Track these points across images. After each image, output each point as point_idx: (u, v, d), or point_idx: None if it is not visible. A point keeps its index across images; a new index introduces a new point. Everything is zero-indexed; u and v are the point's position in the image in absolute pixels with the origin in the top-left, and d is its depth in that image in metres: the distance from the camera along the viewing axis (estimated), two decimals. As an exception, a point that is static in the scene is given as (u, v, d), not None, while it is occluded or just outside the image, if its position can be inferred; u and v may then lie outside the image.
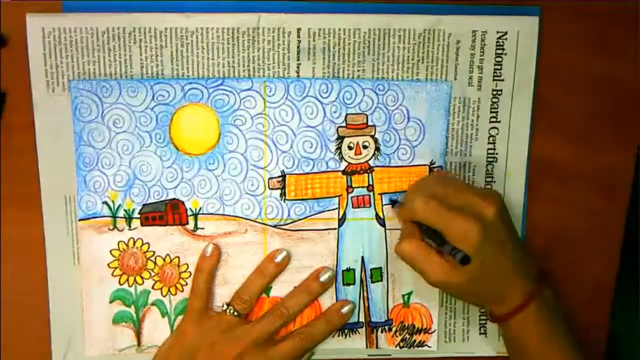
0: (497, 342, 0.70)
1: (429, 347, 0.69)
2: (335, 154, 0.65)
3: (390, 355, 0.69)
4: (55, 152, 0.64)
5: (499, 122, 0.66)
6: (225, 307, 0.64)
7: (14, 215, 0.65)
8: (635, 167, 0.68)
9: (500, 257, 0.59)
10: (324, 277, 0.66)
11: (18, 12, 0.62)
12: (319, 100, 0.64)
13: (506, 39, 0.65)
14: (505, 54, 0.65)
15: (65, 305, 0.66)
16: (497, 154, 0.67)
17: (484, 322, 0.70)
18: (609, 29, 0.66)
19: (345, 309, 0.66)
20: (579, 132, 0.67)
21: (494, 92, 0.66)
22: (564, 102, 0.67)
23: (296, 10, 0.63)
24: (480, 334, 0.70)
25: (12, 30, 0.62)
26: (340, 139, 0.65)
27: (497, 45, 0.65)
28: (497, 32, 0.65)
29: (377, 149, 0.66)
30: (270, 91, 0.64)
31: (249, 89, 0.64)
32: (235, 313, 0.64)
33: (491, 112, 0.66)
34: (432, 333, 0.69)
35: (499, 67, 0.65)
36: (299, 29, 0.64)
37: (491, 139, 0.67)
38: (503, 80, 0.65)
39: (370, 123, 0.65)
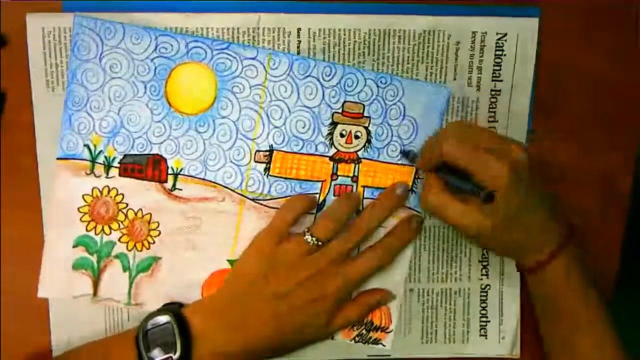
0: (497, 344, 0.70)
1: (384, 345, 0.68)
2: (326, 138, 0.65)
3: (390, 355, 0.69)
4: (55, 152, 0.63)
5: (497, 122, 0.67)
6: (305, 234, 0.62)
7: (14, 215, 0.64)
8: (635, 167, 0.69)
9: (531, 202, 0.59)
10: (399, 190, 0.65)
11: (18, 12, 0.61)
12: (320, 83, 0.64)
13: (506, 40, 0.65)
14: (505, 55, 0.66)
15: (65, 305, 0.65)
16: None
17: (484, 324, 0.69)
18: (608, 30, 0.67)
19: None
20: (578, 132, 0.68)
21: (493, 93, 0.66)
22: (563, 102, 0.67)
23: (296, 11, 0.63)
24: (481, 335, 0.70)
25: (12, 30, 0.62)
26: (334, 124, 0.65)
27: (496, 47, 0.66)
28: (497, 33, 0.65)
29: (369, 141, 0.65)
30: (274, 64, 0.63)
31: (253, 58, 0.63)
32: (316, 240, 0.62)
33: (489, 112, 0.66)
34: (389, 332, 0.68)
35: (498, 68, 0.66)
36: (299, 29, 0.63)
37: None
38: (502, 80, 0.66)
39: (366, 114, 0.65)
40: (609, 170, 0.69)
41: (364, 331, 0.68)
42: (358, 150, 0.65)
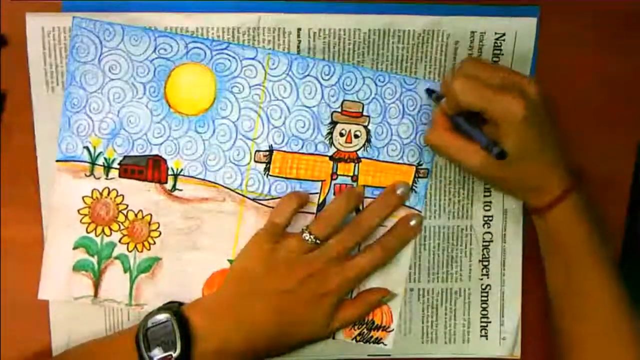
0: (497, 345, 0.70)
1: (385, 344, 0.68)
2: (326, 138, 0.65)
3: (390, 355, 0.69)
4: (54, 153, 0.63)
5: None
6: (303, 232, 0.62)
7: (14, 215, 0.64)
8: (635, 167, 0.69)
9: (542, 140, 0.59)
10: (400, 190, 0.65)
11: (18, 12, 0.61)
12: (319, 82, 0.64)
13: (504, 40, 0.65)
14: (502, 55, 0.66)
15: (65, 305, 0.65)
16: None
17: (485, 324, 0.70)
18: (608, 29, 0.67)
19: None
20: (578, 132, 0.67)
21: None
22: (562, 102, 0.67)
23: (296, 11, 0.63)
24: (481, 336, 0.70)
25: (12, 30, 0.61)
26: (334, 124, 0.65)
27: (494, 46, 0.66)
28: (495, 33, 0.65)
29: (368, 140, 0.65)
30: (273, 64, 0.63)
31: (252, 58, 0.63)
32: (314, 238, 0.62)
33: None
34: (390, 332, 0.69)
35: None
36: (299, 29, 0.63)
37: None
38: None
39: (365, 113, 0.65)
40: (609, 170, 0.69)
41: (365, 330, 0.68)
42: (358, 150, 0.66)
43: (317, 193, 0.66)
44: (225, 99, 0.63)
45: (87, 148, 0.63)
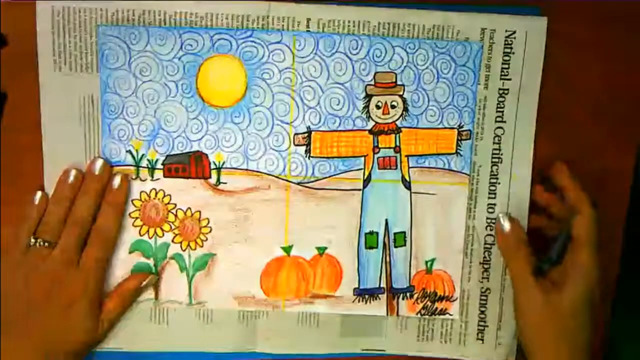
0: (492, 350, 0.68)
1: (450, 314, 0.67)
2: (362, 112, 0.64)
3: (384, 350, 0.68)
4: (61, 132, 0.63)
5: (505, 122, 0.65)
6: (33, 240, 0.60)
7: (13, 215, 0.64)
8: (635, 167, 0.67)
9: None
10: (98, 170, 0.63)
11: (18, 12, 0.62)
12: (348, 57, 0.63)
13: (515, 37, 0.64)
14: (514, 53, 0.64)
15: None
16: (502, 154, 0.66)
17: (482, 328, 0.68)
18: (613, 31, 0.65)
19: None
20: (579, 132, 0.66)
21: (501, 92, 0.65)
22: (565, 102, 0.66)
23: (306, 0, 0.63)
24: (477, 339, 0.68)
25: (12, 30, 0.62)
26: (368, 97, 0.64)
27: (505, 44, 0.64)
28: (506, 30, 0.64)
29: (406, 109, 0.64)
30: (299, 45, 0.63)
31: (278, 42, 0.63)
32: (42, 242, 0.60)
33: (497, 112, 0.65)
34: (454, 301, 0.67)
35: (506, 66, 0.65)
36: (308, 19, 0.63)
37: (496, 139, 0.66)
38: (510, 79, 0.65)
39: (399, 82, 0.64)
40: (609, 170, 0.67)
41: (428, 303, 0.67)
42: (396, 120, 0.65)
43: (361, 169, 0.65)
44: (257, 86, 0.63)
45: (129, 152, 0.64)
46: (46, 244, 0.60)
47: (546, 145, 0.66)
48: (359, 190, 0.65)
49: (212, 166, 0.64)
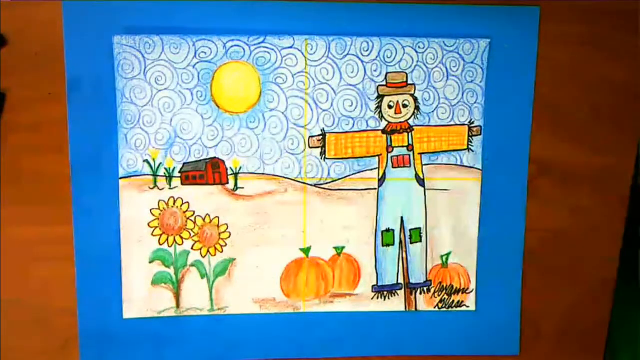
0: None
1: (467, 306, 0.68)
2: (375, 112, 0.65)
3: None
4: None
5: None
6: None
7: (14, 215, 0.64)
8: (635, 167, 0.68)
9: None
10: None
11: (18, 12, 0.62)
12: (360, 59, 0.64)
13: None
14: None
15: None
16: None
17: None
18: (608, 29, 0.66)
19: None
20: (578, 132, 0.68)
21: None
22: (563, 102, 0.67)
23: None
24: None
25: (12, 30, 0.62)
26: (381, 97, 0.65)
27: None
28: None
29: (417, 107, 0.66)
30: (311, 49, 0.64)
31: (290, 47, 0.64)
32: None
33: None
34: (470, 293, 0.68)
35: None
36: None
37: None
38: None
39: (410, 82, 0.65)
40: (609, 170, 0.68)
41: (445, 296, 0.68)
42: (408, 119, 0.66)
43: (375, 169, 0.66)
44: (271, 91, 0.64)
45: (147, 161, 0.64)
46: None
47: (546, 146, 0.67)
48: (374, 189, 0.66)
49: (229, 172, 0.65)
